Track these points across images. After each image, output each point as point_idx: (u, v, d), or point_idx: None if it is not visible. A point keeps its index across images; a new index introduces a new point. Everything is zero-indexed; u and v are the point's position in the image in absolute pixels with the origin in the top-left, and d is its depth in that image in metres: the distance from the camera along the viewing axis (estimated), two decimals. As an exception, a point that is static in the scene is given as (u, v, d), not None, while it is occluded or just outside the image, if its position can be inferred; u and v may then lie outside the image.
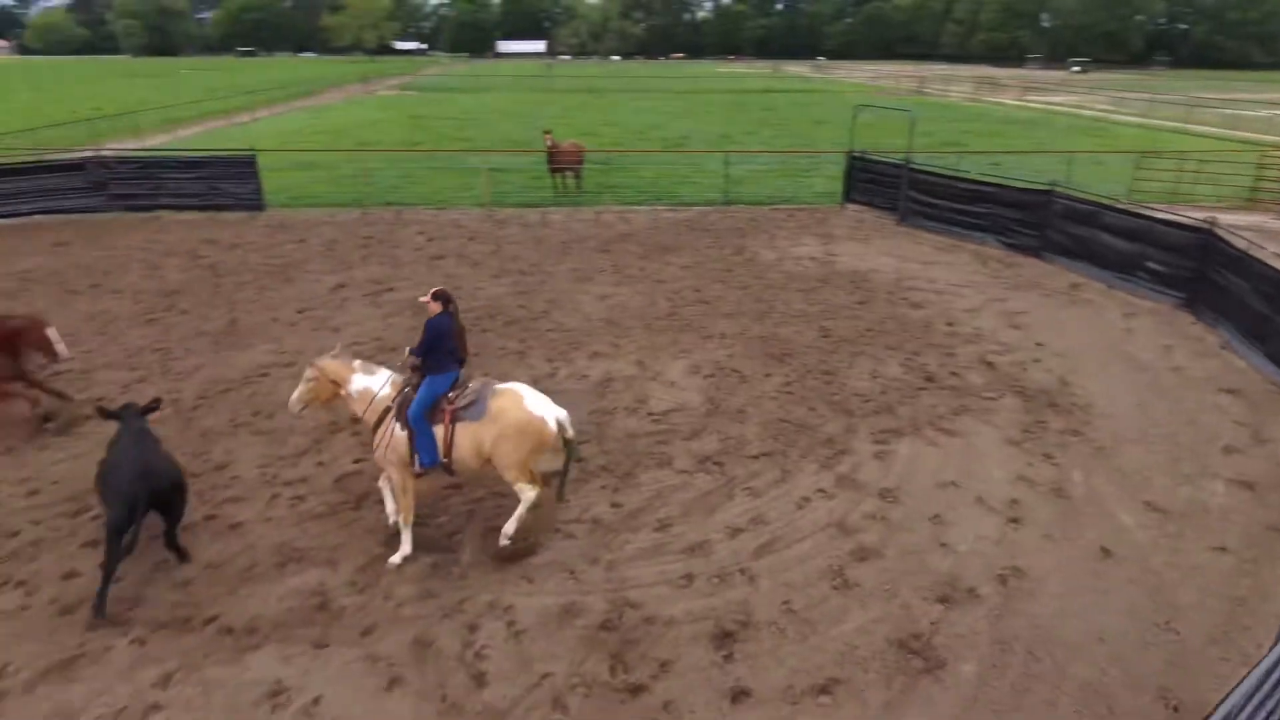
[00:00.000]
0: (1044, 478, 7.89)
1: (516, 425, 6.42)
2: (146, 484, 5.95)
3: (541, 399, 6.62)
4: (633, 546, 6.83)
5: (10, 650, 5.65)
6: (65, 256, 15.40)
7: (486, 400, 6.53)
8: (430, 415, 6.53)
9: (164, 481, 6.17)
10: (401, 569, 6.51)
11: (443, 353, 6.66)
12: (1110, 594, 6.26)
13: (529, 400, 6.54)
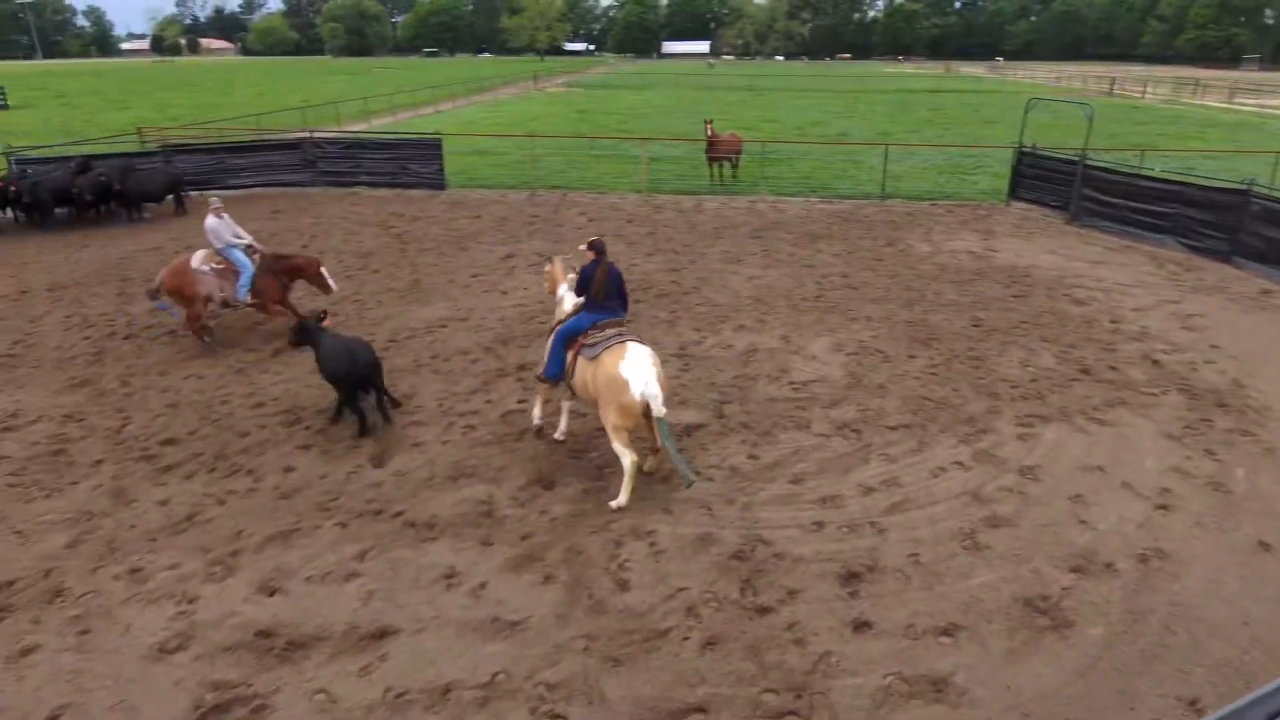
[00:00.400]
0: (1202, 471, 7.58)
1: (605, 377, 6.88)
2: (353, 362, 8.08)
3: (640, 368, 6.77)
4: (767, 494, 7.25)
5: (243, 521, 6.86)
6: (280, 222, 17.60)
7: (602, 348, 7.08)
8: (567, 341, 7.51)
9: (366, 359, 8.19)
10: (558, 491, 7.27)
11: (594, 296, 7.47)
12: (1264, 584, 6.04)
13: (625, 362, 6.81)
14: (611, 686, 5.12)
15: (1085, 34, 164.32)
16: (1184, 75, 72.84)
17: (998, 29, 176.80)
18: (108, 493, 7.26)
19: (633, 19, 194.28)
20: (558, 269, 8.44)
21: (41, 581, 6.09)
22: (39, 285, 13.27)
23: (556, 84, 69.63)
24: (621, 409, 6.82)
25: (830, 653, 5.39)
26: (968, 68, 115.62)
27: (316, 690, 5.09)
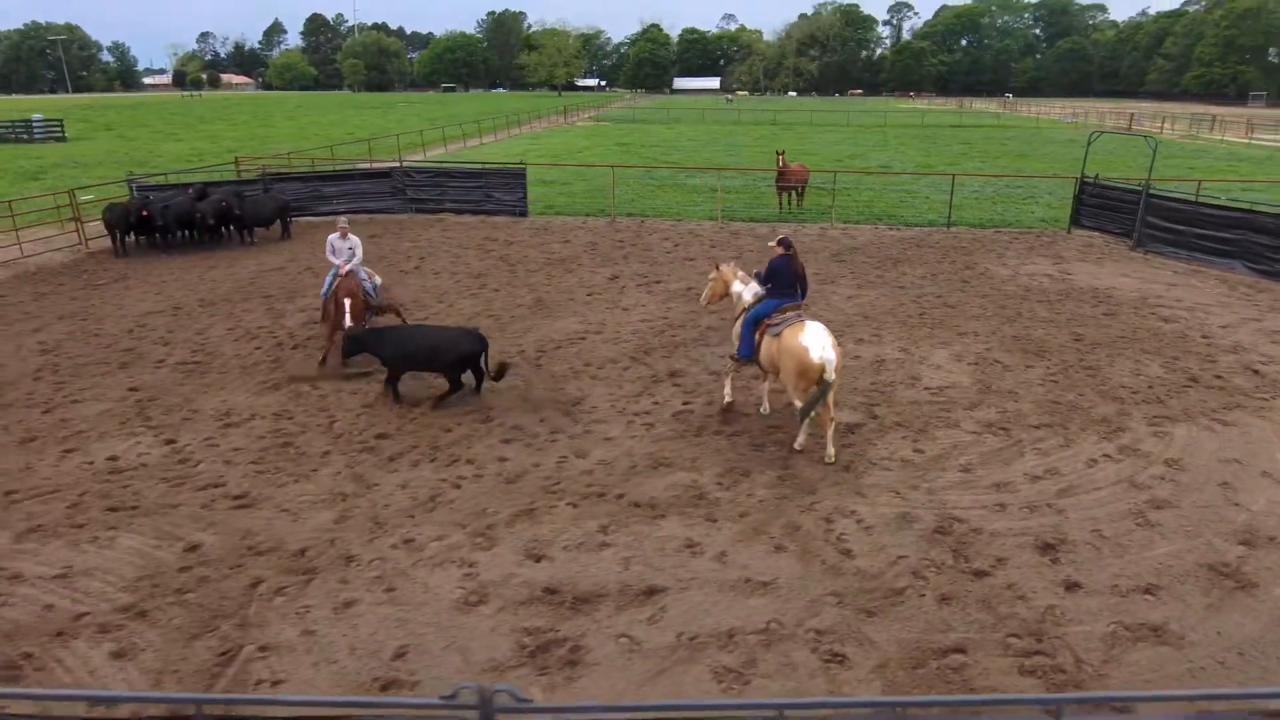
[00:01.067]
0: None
1: (788, 348, 8.28)
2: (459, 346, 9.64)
3: (818, 339, 8.16)
4: (944, 480, 8.05)
5: (483, 501, 7.67)
6: (383, 245, 18.59)
7: (784, 326, 8.55)
8: (756, 323, 8.94)
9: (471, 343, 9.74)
10: (755, 478, 8.07)
11: (781, 283, 8.96)
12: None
13: (805, 335, 8.23)
14: (873, 631, 5.89)
15: (1091, 71, 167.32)
16: (1199, 111, 74.42)
17: (1004, 66, 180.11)
18: (349, 478, 8.08)
19: (645, 55, 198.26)
20: (726, 272, 9.73)
21: (329, 549, 6.89)
22: (189, 301, 14.20)
23: (585, 118, 71.42)
24: (802, 373, 8.17)
25: (1053, 606, 6.15)
26: (980, 103, 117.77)
27: (618, 635, 5.86)
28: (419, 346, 9.63)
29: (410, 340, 9.74)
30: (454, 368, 9.66)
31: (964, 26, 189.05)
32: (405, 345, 9.68)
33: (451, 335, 9.79)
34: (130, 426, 9.21)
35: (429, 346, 9.59)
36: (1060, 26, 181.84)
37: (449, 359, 9.59)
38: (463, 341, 9.68)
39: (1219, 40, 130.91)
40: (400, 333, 9.98)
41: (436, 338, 9.71)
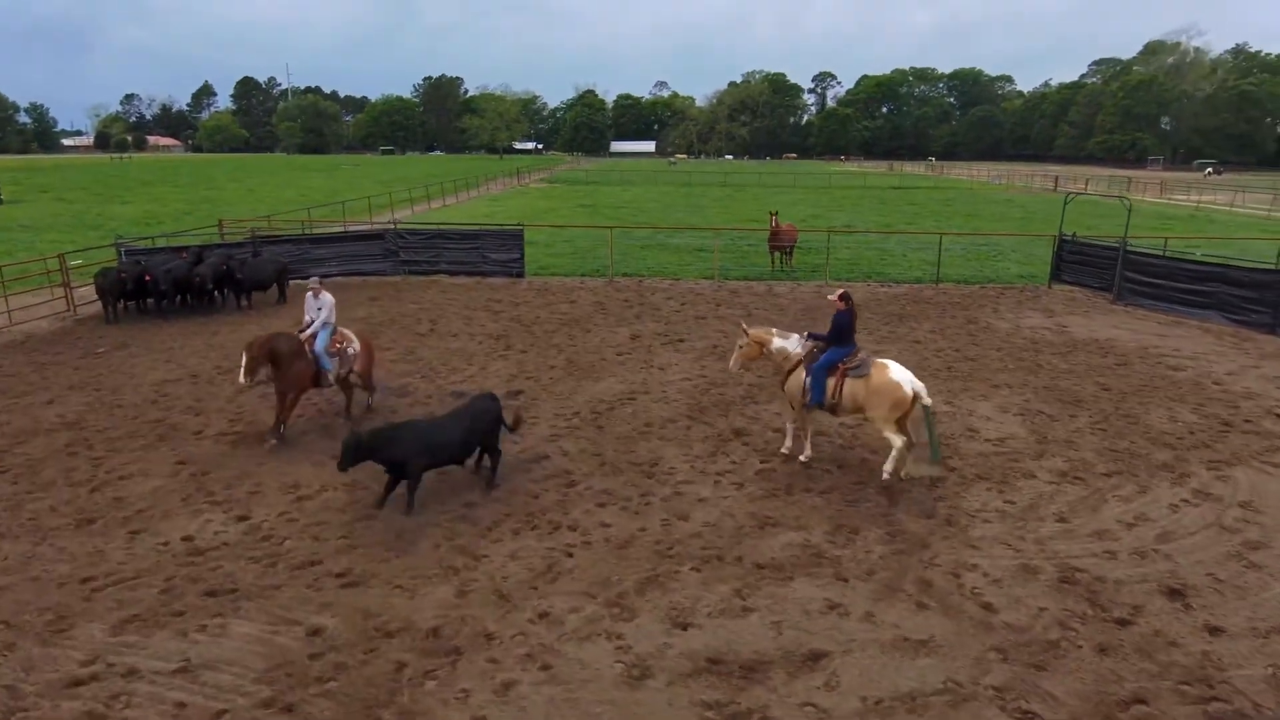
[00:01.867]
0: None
1: (881, 384, 9.13)
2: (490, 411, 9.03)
3: (904, 372, 9.21)
4: (1046, 530, 8.20)
5: (607, 569, 7.44)
6: (386, 308, 18.23)
7: (869, 366, 9.33)
8: (827, 371, 9.42)
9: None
10: (865, 534, 8.08)
11: (846, 335, 9.55)
12: None
13: (893, 370, 9.25)
14: (1051, 686, 5.89)
15: (1003, 136, 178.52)
16: (1117, 174, 79.83)
17: (923, 132, 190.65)
18: (453, 550, 7.74)
19: (582, 119, 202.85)
20: (760, 334, 10.05)
21: (463, 627, 6.55)
22: (204, 369, 13.56)
23: (536, 180, 72.14)
24: (895, 404, 9.10)
25: (1207, 652, 6.28)
26: (908, 166, 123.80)
27: (802, 704, 5.71)
28: (448, 432, 8.47)
29: (433, 431, 8.46)
30: (494, 436, 8.98)
31: (884, 95, 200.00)
32: (429, 437, 8.35)
33: (476, 406, 8.93)
34: (194, 503, 8.67)
35: (460, 427, 8.55)
36: (972, 95, 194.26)
37: (485, 428, 8.82)
38: (489, 405, 9.01)
39: (1117, 109, 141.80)
40: (413, 427, 8.52)
41: (460, 417, 8.71)
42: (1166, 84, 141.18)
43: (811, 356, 9.66)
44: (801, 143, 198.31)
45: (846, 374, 9.40)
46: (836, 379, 9.43)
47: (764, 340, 9.98)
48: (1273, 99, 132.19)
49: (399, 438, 8.26)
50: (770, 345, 9.95)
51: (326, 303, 10.84)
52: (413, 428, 8.51)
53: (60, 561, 7.46)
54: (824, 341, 9.69)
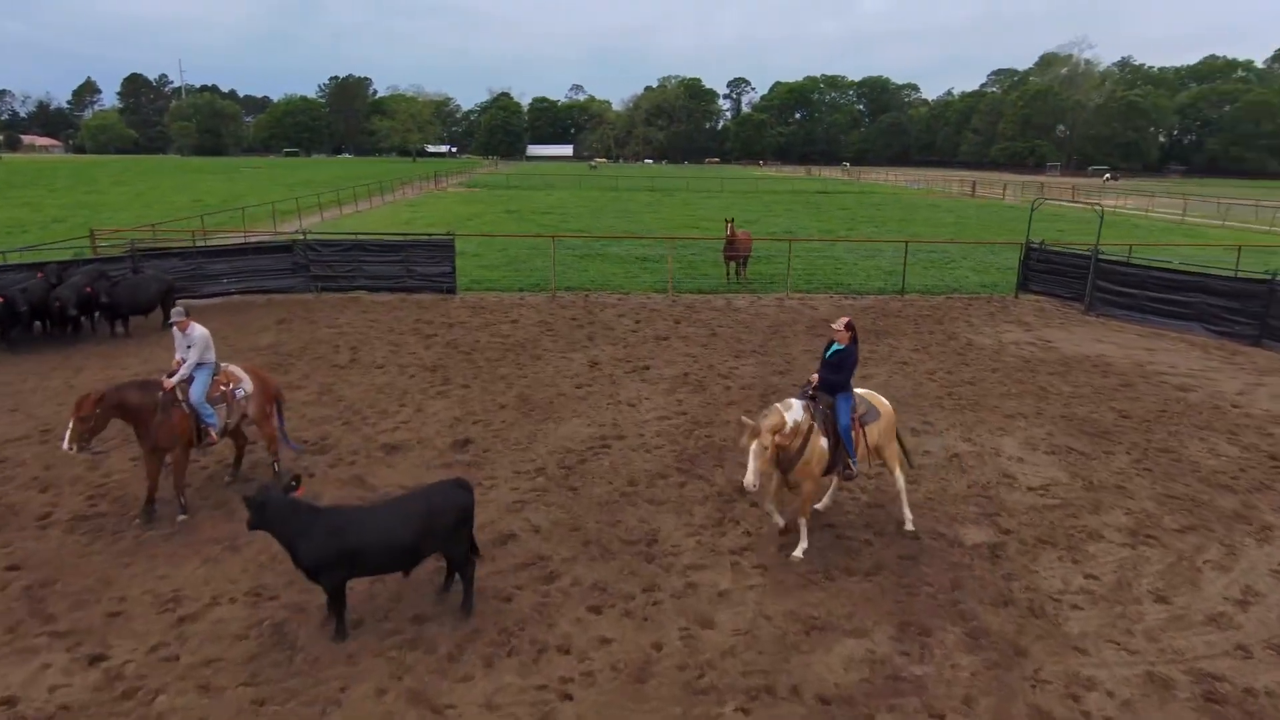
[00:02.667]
0: None
1: (889, 417, 8.09)
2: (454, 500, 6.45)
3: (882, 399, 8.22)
4: (1151, 618, 6.63)
5: (624, 717, 5.43)
6: (297, 333, 15.61)
7: (873, 406, 7.98)
8: (852, 426, 7.69)
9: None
10: (940, 637, 6.31)
11: (851, 374, 7.80)
12: None
13: (881, 396, 8.29)
14: None
15: (910, 143, 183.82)
16: (1030, 180, 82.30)
17: (835, 138, 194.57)
18: (404, 698, 5.58)
19: (497, 122, 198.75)
20: (771, 423, 7.12)
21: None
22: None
23: (455, 184, 68.91)
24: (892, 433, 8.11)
25: None
26: (826, 171, 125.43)
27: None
28: (389, 531, 6.07)
29: (365, 526, 6.04)
30: (461, 541, 6.48)
31: (797, 101, 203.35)
32: (358, 535, 5.98)
33: (435, 498, 6.36)
34: (24, 636, 6.19)
35: (408, 527, 6.11)
36: (880, 103, 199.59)
37: (448, 529, 6.31)
38: (455, 497, 6.42)
39: (1017, 118, 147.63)
40: (336, 518, 6.05)
41: (410, 512, 6.19)
42: (1061, 94, 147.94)
43: (824, 416, 7.60)
44: (718, 147, 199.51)
45: (863, 425, 7.84)
46: (857, 430, 7.76)
47: (779, 426, 7.20)
48: (1156, 109, 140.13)
49: (310, 530, 5.93)
50: (785, 426, 7.25)
51: (198, 339, 8.31)
52: (334, 518, 6.10)
53: None
54: (833, 388, 7.72)
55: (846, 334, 7.77)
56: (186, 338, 8.37)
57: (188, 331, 8.38)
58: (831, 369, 7.83)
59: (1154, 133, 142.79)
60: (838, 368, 7.78)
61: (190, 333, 8.37)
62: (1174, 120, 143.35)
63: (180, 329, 8.40)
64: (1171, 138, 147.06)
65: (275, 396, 9.03)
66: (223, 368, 8.63)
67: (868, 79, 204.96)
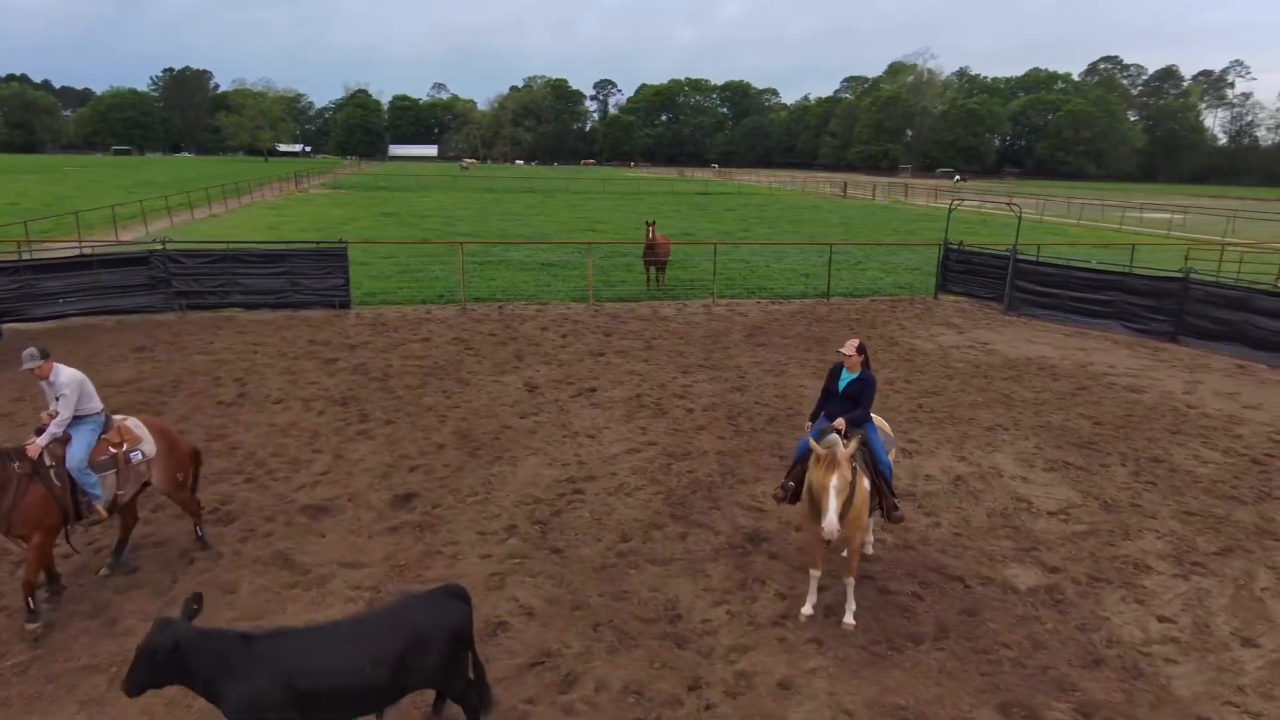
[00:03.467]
0: None
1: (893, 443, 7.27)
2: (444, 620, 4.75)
3: None
4: (1252, 669, 5.94)
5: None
6: (163, 363, 13.04)
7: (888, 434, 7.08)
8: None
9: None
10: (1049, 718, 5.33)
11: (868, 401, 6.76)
12: None
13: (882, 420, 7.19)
14: None
15: (773, 145, 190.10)
16: (895, 181, 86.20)
17: (701, 140, 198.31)
18: None
19: (355, 121, 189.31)
20: (848, 449, 5.94)
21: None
22: None
23: (317, 185, 64.12)
24: None
25: None
26: (697, 173, 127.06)
27: None
28: (352, 661, 4.36)
29: (321, 655, 4.34)
30: (459, 670, 4.84)
31: (663, 103, 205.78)
32: (310, 670, 4.27)
33: (417, 615, 4.66)
34: None
35: (386, 655, 4.43)
36: (743, 107, 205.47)
37: (437, 657, 4.62)
38: (447, 614, 4.74)
39: (871, 123, 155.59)
40: (279, 646, 4.33)
41: (384, 632, 4.52)
42: (909, 101, 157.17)
43: (861, 455, 6.41)
44: (588, 149, 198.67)
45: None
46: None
47: (852, 457, 6.01)
48: (992, 116, 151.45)
49: (246, 667, 4.18)
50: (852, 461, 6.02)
51: (67, 384, 6.31)
52: (278, 646, 4.31)
53: None
54: (857, 423, 6.60)
55: (859, 358, 6.81)
56: (53, 385, 6.34)
57: (54, 377, 6.34)
58: (850, 401, 6.78)
59: (990, 138, 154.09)
60: (857, 400, 6.75)
61: (56, 378, 6.34)
62: (1007, 126, 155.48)
63: (40, 375, 6.34)
64: (1005, 142, 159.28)
65: (192, 459, 7.02)
66: (115, 422, 6.58)
67: (730, 83, 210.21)
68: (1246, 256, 23.50)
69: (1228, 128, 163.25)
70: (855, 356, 6.79)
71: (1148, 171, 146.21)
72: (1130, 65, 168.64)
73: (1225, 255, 23.44)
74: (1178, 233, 37.38)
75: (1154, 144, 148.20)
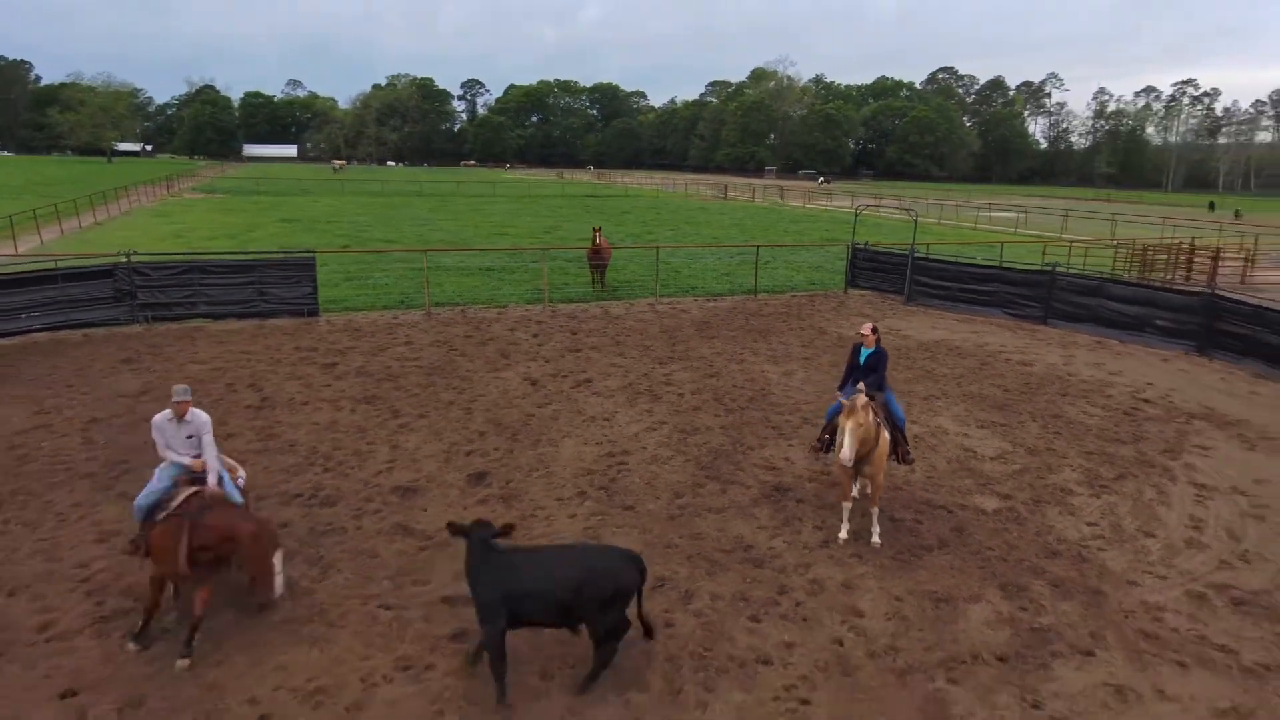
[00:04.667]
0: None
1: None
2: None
3: None
4: (1156, 552, 8.33)
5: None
6: (160, 373, 13.40)
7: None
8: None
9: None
10: (1038, 593, 7.46)
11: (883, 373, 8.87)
12: None
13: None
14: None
15: (643, 147, 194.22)
16: (772, 184, 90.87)
17: (572, 141, 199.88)
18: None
19: (204, 119, 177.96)
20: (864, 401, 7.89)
21: None
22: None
23: (187, 189, 60.86)
24: None
25: None
26: (577, 175, 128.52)
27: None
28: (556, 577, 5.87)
29: (542, 567, 5.94)
30: (607, 618, 5.97)
31: (533, 104, 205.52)
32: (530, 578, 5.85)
33: (602, 558, 6.15)
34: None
35: (573, 579, 5.84)
36: (612, 108, 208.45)
37: (600, 599, 5.87)
38: (620, 569, 6.02)
39: (738, 126, 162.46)
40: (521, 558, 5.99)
41: (576, 560, 6.04)
42: (772, 106, 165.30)
43: (880, 411, 8.52)
44: (457, 149, 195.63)
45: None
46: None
47: (869, 410, 7.89)
48: (847, 120, 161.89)
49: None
50: (872, 416, 7.98)
51: (203, 426, 6.83)
52: (506, 562, 5.86)
53: None
54: (877, 387, 8.78)
55: (874, 336, 8.94)
56: (188, 425, 6.77)
57: (190, 418, 6.78)
58: (870, 370, 8.82)
59: (846, 141, 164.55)
60: (875, 368, 8.80)
61: (193, 418, 6.79)
62: (861, 131, 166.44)
63: (180, 414, 6.74)
64: (859, 145, 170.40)
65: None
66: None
67: (598, 85, 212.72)
68: (1091, 251, 27.79)
69: (1047, 133, 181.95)
70: (871, 335, 8.87)
71: (983, 173, 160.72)
72: (964, 75, 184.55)
73: (1072, 250, 27.61)
74: (1024, 230, 42.64)
75: (987, 147, 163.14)
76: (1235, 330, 15.86)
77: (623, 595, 5.97)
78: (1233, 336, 15.92)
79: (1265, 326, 15.23)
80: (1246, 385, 14.58)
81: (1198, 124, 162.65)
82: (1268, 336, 15.12)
